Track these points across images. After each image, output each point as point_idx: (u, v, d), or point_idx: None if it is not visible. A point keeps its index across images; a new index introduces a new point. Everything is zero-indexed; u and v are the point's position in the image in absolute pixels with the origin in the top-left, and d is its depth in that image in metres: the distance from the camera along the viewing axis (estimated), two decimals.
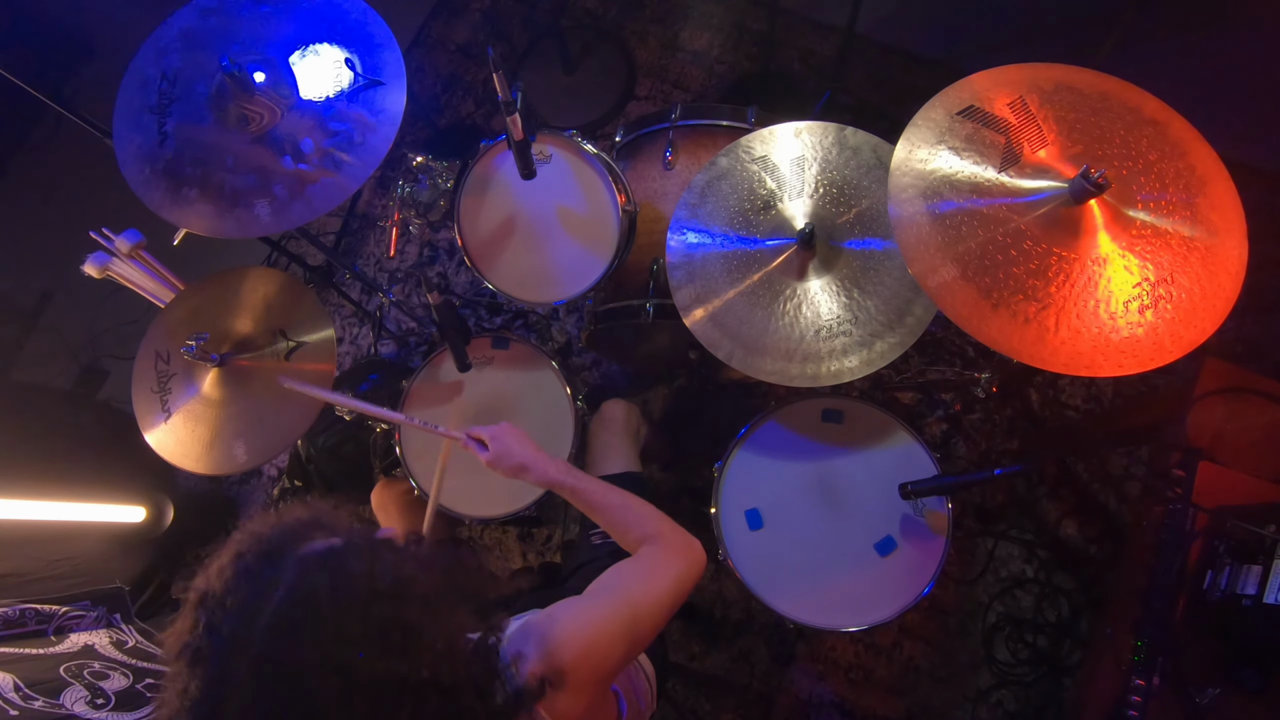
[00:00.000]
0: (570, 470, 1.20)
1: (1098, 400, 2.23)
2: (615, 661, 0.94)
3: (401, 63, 1.47)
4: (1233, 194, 1.21)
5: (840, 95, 2.43)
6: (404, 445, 1.75)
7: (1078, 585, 2.07)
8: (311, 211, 1.43)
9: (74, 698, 1.70)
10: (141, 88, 1.53)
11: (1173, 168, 1.22)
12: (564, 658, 0.88)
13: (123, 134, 1.51)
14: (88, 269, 1.74)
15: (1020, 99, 1.28)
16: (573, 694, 0.88)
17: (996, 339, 1.16)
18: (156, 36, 1.56)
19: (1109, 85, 1.29)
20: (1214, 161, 1.23)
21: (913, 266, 1.20)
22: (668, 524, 1.14)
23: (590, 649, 0.91)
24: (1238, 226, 1.19)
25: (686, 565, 1.08)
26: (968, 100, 1.28)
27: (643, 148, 1.81)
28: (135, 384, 1.58)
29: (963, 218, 1.22)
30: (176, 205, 1.47)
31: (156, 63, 1.54)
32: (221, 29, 1.54)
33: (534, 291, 1.70)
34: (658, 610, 1.00)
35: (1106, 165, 1.19)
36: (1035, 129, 1.26)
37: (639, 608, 0.98)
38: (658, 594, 1.01)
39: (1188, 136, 1.24)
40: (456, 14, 2.89)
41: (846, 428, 1.62)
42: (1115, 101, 1.27)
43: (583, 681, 0.89)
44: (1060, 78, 1.29)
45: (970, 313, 1.17)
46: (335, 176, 1.43)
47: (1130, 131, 1.25)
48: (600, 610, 0.97)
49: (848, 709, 2.05)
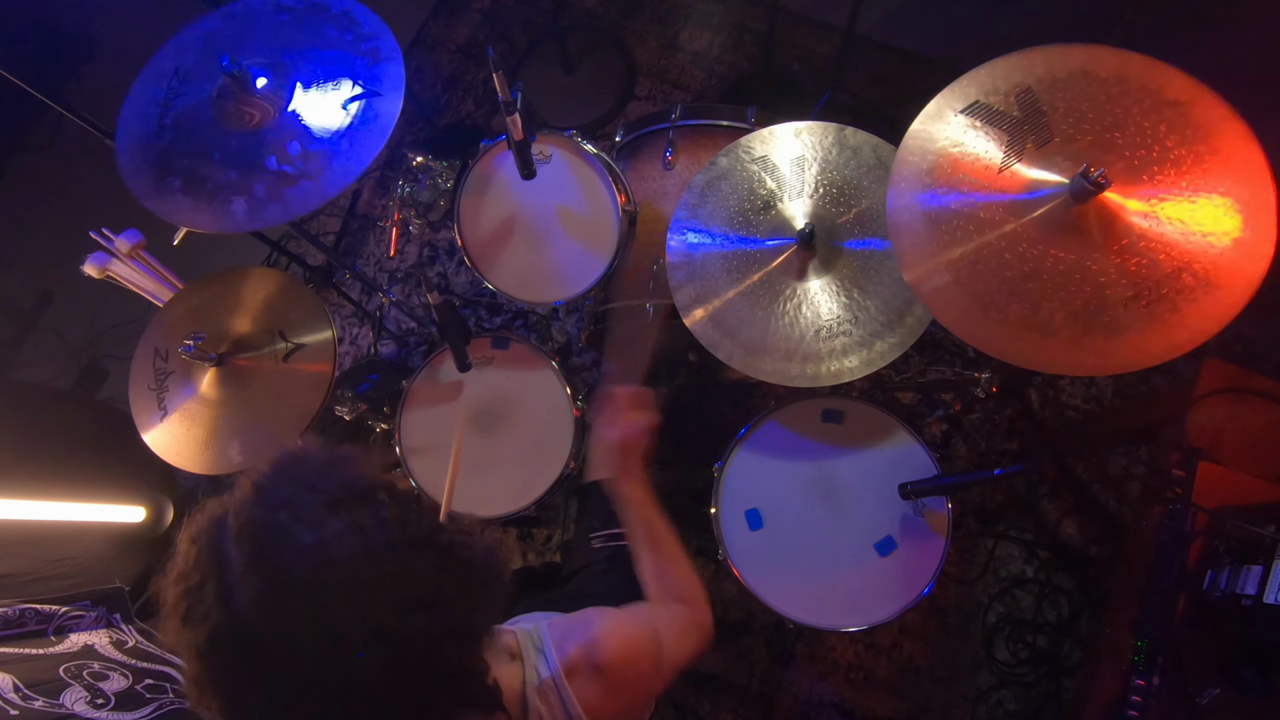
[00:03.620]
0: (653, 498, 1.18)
1: (1098, 400, 2.22)
2: (645, 680, 0.95)
3: (401, 73, 1.45)
4: (1266, 178, 1.14)
5: (840, 95, 2.43)
6: (404, 445, 1.75)
7: (1078, 585, 2.07)
8: (285, 214, 1.42)
9: (74, 698, 1.70)
10: (155, 81, 1.55)
11: (1191, 153, 1.17)
12: (605, 653, 0.90)
13: (127, 122, 1.52)
14: (88, 269, 1.74)
15: (1029, 89, 1.24)
16: (607, 691, 0.89)
17: (991, 344, 1.16)
18: (181, 36, 1.58)
19: (1131, 67, 1.22)
20: (1245, 141, 1.15)
21: (907, 274, 1.20)
22: (703, 598, 1.13)
23: (629, 655, 0.92)
24: (1266, 213, 1.13)
25: (703, 644, 1.09)
26: (974, 96, 1.27)
27: (643, 148, 1.81)
28: (133, 381, 1.58)
29: (959, 221, 1.22)
30: (158, 194, 1.47)
31: (174, 59, 1.56)
32: (241, 33, 1.56)
33: (534, 291, 1.70)
34: (676, 664, 1.01)
35: (1118, 155, 1.17)
36: (1042, 123, 1.23)
37: (663, 650, 0.98)
38: (681, 651, 1.03)
39: (1214, 116, 1.17)
40: (456, 14, 2.89)
41: (846, 428, 1.62)
42: (1134, 84, 1.21)
43: (618, 682, 0.90)
44: (1078, 62, 1.25)
45: (963, 318, 1.17)
46: (315, 182, 1.42)
47: (1147, 116, 1.20)
48: (639, 628, 0.98)
49: (848, 709, 2.05)
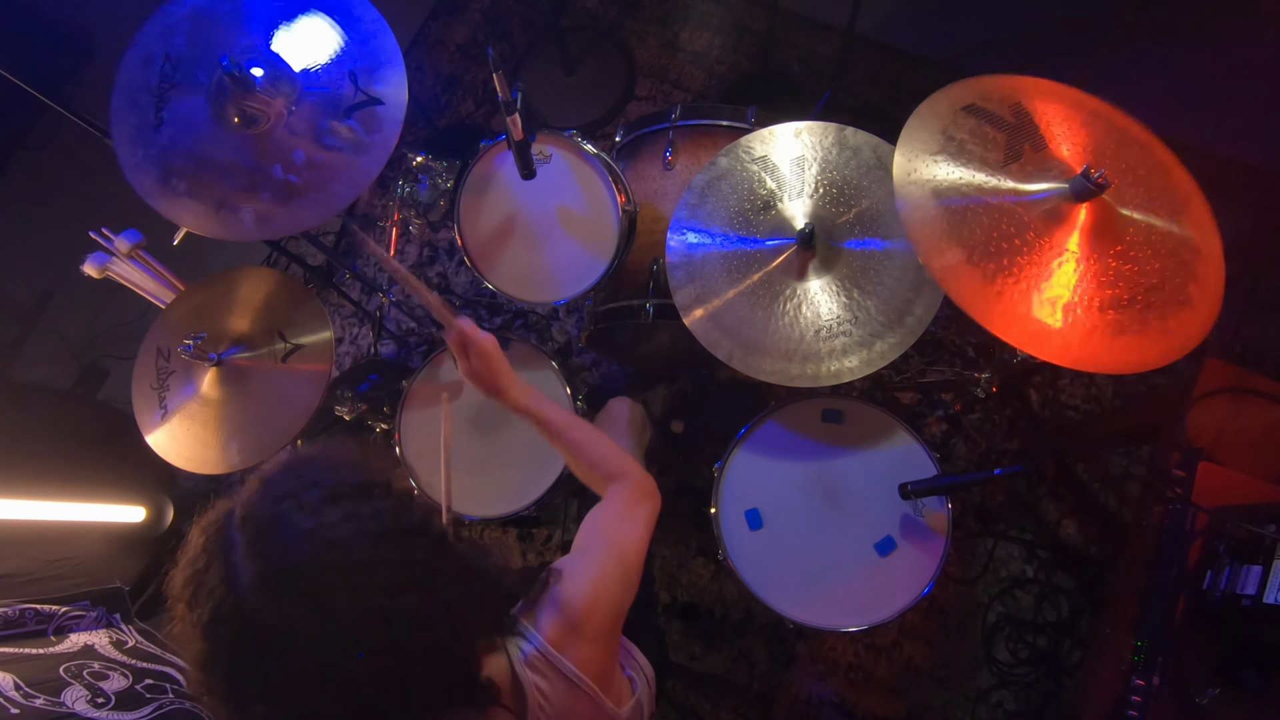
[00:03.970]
0: (542, 400, 1.21)
1: (1098, 400, 2.22)
2: (620, 604, 1.00)
3: (404, 84, 1.44)
4: (1209, 220, 1.25)
5: (840, 95, 2.43)
6: (404, 445, 1.75)
7: (1078, 585, 2.07)
8: (294, 224, 1.41)
9: (75, 696, 1.70)
10: (143, 65, 1.47)
11: (1160, 182, 1.26)
12: (578, 608, 0.93)
13: (120, 110, 1.47)
14: (88, 269, 1.74)
15: (1018, 103, 1.29)
16: (592, 642, 0.93)
17: (999, 325, 1.16)
18: (165, 12, 1.50)
19: (1095, 105, 1.32)
20: (1191, 185, 1.27)
21: (919, 249, 1.21)
22: (630, 462, 1.18)
23: (599, 598, 0.96)
24: (1214, 250, 1.23)
25: (655, 505, 1.15)
26: (970, 99, 1.29)
27: (643, 148, 1.81)
28: (135, 381, 1.58)
29: (967, 208, 1.23)
30: (165, 196, 1.44)
31: (162, 41, 1.48)
32: (231, 14, 1.49)
33: (534, 291, 1.70)
34: (640, 549, 1.07)
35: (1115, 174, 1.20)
36: (1036, 130, 1.27)
37: (626, 552, 1.04)
38: (637, 535, 1.08)
39: (1167, 160, 1.29)
40: (456, 14, 2.89)
41: (846, 428, 1.62)
42: (1103, 120, 1.31)
43: (599, 629, 0.95)
44: (1045, 90, 1.32)
45: (975, 298, 1.18)
46: (322, 194, 1.41)
47: (1122, 147, 1.28)
48: (598, 562, 1.01)
49: (848, 709, 2.05)
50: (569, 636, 0.91)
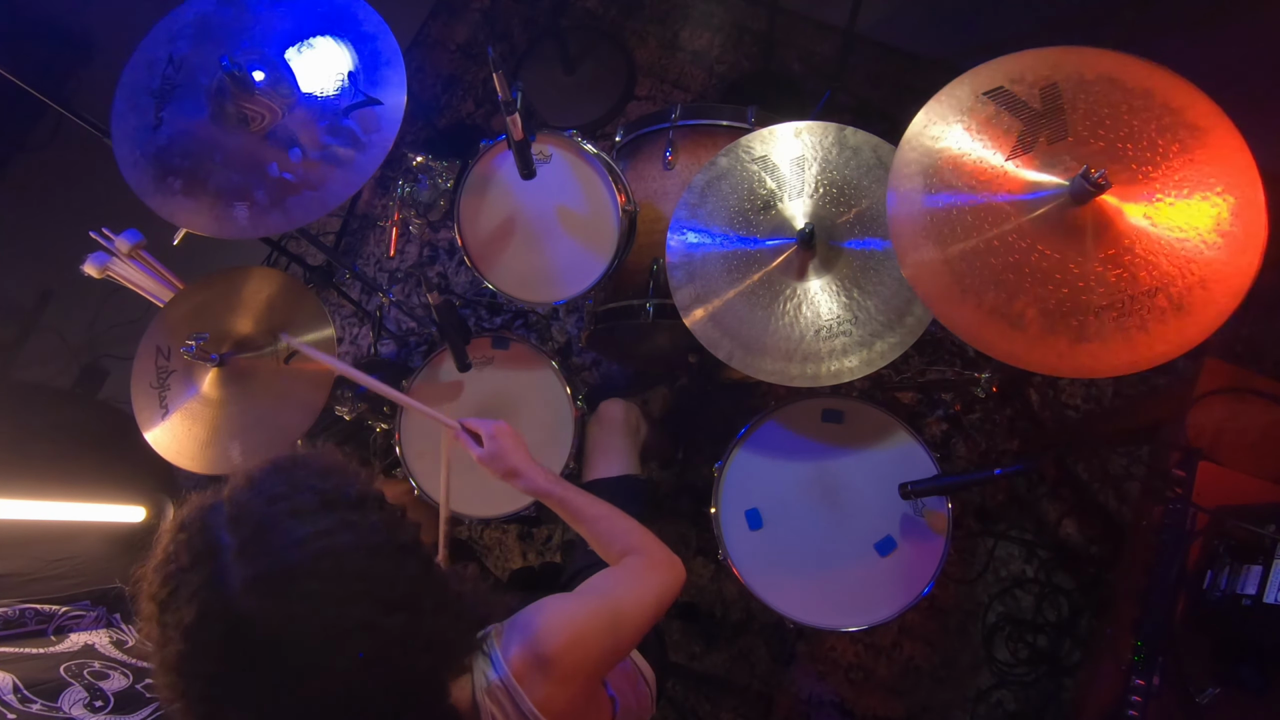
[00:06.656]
0: (559, 481, 1.21)
1: (1098, 400, 2.22)
2: (598, 657, 0.95)
3: (403, 84, 1.44)
4: (1261, 217, 1.15)
5: (840, 95, 2.43)
6: (404, 445, 1.75)
7: (1078, 585, 2.07)
8: (288, 222, 1.42)
9: (73, 700, 1.70)
10: (147, 68, 1.51)
11: (1197, 182, 1.17)
12: (550, 646, 0.89)
13: (121, 112, 1.49)
14: (88, 269, 1.73)
15: (1055, 84, 1.23)
16: (558, 683, 0.89)
17: (988, 341, 1.16)
18: (172, 18, 1.54)
19: (1156, 81, 1.21)
20: (1253, 187, 1.17)
21: (905, 270, 1.21)
22: (650, 539, 1.16)
23: (575, 640, 0.92)
24: (1255, 246, 1.14)
25: (670, 578, 1.10)
26: (999, 81, 1.25)
27: (643, 148, 1.81)
28: (135, 380, 1.58)
29: (959, 213, 1.22)
30: (159, 194, 1.46)
31: (166, 46, 1.51)
32: (235, 20, 1.51)
33: (534, 291, 1.70)
34: (639, 616, 1.02)
35: (1124, 166, 1.17)
36: (1059, 120, 1.22)
37: (621, 610, 1.00)
38: (640, 600, 1.03)
39: (1229, 145, 1.19)
40: (456, 14, 2.89)
41: (846, 428, 1.62)
42: (1158, 100, 1.20)
43: (568, 672, 0.90)
44: (1108, 67, 1.23)
45: (957, 314, 1.18)
46: (316, 191, 1.41)
47: (1162, 135, 1.19)
48: (585, 606, 0.99)
49: (848, 709, 2.05)
50: (534, 673, 0.88)
